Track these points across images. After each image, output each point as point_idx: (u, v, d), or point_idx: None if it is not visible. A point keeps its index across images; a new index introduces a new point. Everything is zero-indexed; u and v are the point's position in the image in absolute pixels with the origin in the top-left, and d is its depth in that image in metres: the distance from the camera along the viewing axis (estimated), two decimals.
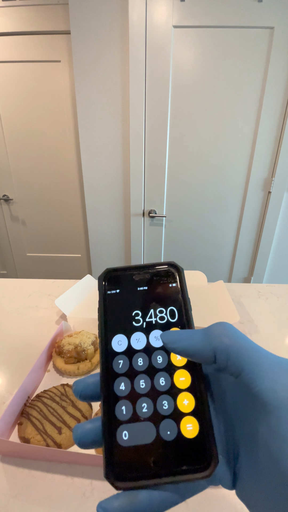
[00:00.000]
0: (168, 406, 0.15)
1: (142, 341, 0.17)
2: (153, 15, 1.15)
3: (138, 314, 0.18)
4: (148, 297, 0.18)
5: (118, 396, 0.15)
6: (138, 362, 0.16)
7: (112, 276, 0.19)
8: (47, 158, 1.61)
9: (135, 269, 0.19)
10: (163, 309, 0.18)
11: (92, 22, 1.19)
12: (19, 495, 0.32)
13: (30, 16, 1.33)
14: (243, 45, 1.18)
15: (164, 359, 0.16)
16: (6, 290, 0.81)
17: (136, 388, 0.15)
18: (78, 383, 0.16)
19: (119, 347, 0.17)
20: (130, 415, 0.15)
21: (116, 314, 0.18)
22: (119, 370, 0.16)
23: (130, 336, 0.17)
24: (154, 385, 0.15)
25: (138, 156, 1.37)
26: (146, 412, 0.15)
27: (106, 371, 0.16)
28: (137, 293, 0.18)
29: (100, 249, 1.66)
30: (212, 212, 1.50)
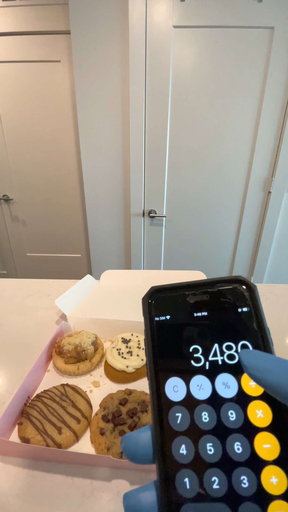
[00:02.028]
0: (248, 484, 0.11)
1: (206, 388, 0.13)
2: (153, 15, 1.15)
3: (197, 350, 0.14)
4: (210, 326, 0.14)
5: (178, 463, 0.12)
6: (203, 418, 0.12)
7: (161, 297, 0.15)
8: (47, 158, 1.61)
9: (189, 288, 0.15)
10: (232, 344, 0.14)
11: (92, 22, 1.19)
12: (19, 495, 0.32)
13: (30, 16, 1.33)
14: (243, 45, 1.18)
15: (239, 415, 0.12)
16: (6, 290, 0.81)
17: (202, 454, 0.12)
18: (128, 442, 0.13)
19: (175, 395, 0.13)
20: (197, 491, 0.11)
21: (169, 349, 0.14)
22: (177, 427, 0.12)
23: (189, 381, 0.13)
24: (226, 451, 0.12)
25: (138, 156, 1.37)
26: (218, 490, 0.11)
27: (160, 426, 0.13)
28: (195, 321, 0.14)
29: (100, 249, 1.66)
30: (212, 212, 1.50)
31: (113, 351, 0.49)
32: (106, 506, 0.31)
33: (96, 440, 0.36)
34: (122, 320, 0.57)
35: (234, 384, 0.13)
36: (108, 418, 0.38)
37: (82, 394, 0.43)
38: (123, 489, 0.32)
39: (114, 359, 0.48)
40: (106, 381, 0.48)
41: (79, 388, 0.44)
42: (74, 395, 0.42)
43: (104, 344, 0.58)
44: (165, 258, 1.64)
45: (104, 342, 0.58)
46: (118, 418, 0.37)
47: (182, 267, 1.64)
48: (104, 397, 0.43)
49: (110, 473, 0.34)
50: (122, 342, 0.52)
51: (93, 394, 0.45)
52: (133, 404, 0.40)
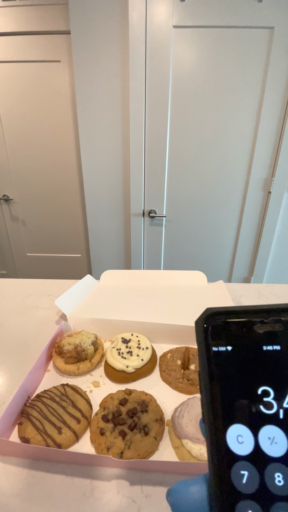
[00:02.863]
0: None
1: (281, 443, 0.10)
2: (153, 15, 1.15)
3: (268, 394, 0.11)
4: (284, 364, 0.11)
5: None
6: (276, 480, 0.10)
7: (220, 323, 0.12)
8: (47, 158, 1.61)
9: (255, 314, 0.12)
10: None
11: (92, 22, 1.19)
12: (19, 495, 0.32)
13: (30, 16, 1.33)
14: (243, 45, 1.18)
15: None
16: (6, 290, 0.81)
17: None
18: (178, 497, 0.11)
19: (240, 447, 0.11)
20: None
21: (231, 388, 0.11)
22: (243, 488, 0.10)
23: (258, 431, 0.11)
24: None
25: (138, 156, 1.37)
26: None
27: (220, 485, 0.10)
28: (264, 356, 0.12)
29: (100, 249, 1.66)
30: (212, 212, 1.50)
31: (113, 351, 0.49)
32: (106, 506, 0.31)
33: (96, 440, 0.36)
34: (122, 320, 0.57)
35: None
36: (108, 418, 0.38)
37: (82, 394, 0.43)
38: (123, 489, 0.32)
39: (114, 359, 0.48)
40: (106, 381, 0.48)
41: (79, 388, 0.44)
42: (74, 395, 0.42)
43: (104, 344, 0.58)
44: (165, 258, 1.64)
45: (104, 342, 0.58)
46: (118, 418, 0.37)
47: (182, 267, 1.64)
48: (104, 397, 0.43)
49: (110, 473, 0.34)
50: (122, 342, 0.52)
51: (93, 394, 0.45)
52: (133, 404, 0.40)
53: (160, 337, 0.57)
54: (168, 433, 0.38)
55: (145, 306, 0.63)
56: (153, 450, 0.36)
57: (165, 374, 0.48)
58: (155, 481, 0.33)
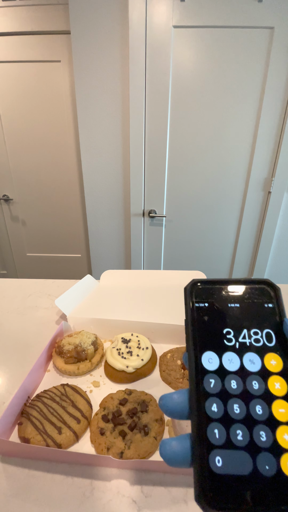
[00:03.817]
0: (266, 438, 0.14)
1: (235, 363, 0.16)
2: (153, 15, 1.15)
3: (229, 333, 0.17)
4: (240, 315, 0.17)
5: (210, 417, 0.14)
6: (232, 384, 0.15)
7: (200, 288, 0.18)
8: (47, 158, 1.61)
9: (225, 283, 0.18)
10: (258, 331, 0.16)
11: (92, 22, 1.19)
12: (19, 495, 0.32)
13: (30, 16, 1.33)
14: (243, 45, 1.18)
15: (261, 385, 0.15)
16: (6, 290, 0.81)
17: (229, 412, 0.15)
18: (167, 400, 0.16)
19: (210, 365, 0.16)
20: (224, 440, 0.14)
21: (206, 329, 0.17)
22: (210, 390, 0.15)
23: (222, 355, 0.16)
24: (250, 412, 0.14)
25: (138, 156, 1.37)
26: (241, 441, 0.14)
27: (196, 389, 0.15)
28: (228, 310, 0.17)
29: (100, 249, 1.66)
30: (212, 212, 1.50)
31: (113, 351, 0.49)
32: (106, 506, 0.31)
33: (96, 440, 0.36)
34: (122, 320, 0.57)
35: (258, 362, 0.16)
36: (108, 418, 0.38)
37: (82, 394, 0.43)
38: (123, 489, 0.32)
39: (114, 359, 0.48)
40: (106, 381, 0.48)
41: (79, 388, 0.44)
42: (74, 395, 0.42)
43: (104, 344, 0.58)
44: (165, 258, 1.64)
45: (104, 342, 0.58)
46: (118, 418, 0.37)
47: (182, 267, 1.64)
48: (104, 397, 0.43)
49: (110, 473, 0.34)
50: (122, 342, 0.52)
51: (93, 394, 0.45)
52: (133, 404, 0.40)
53: (160, 337, 0.57)
54: (168, 433, 0.38)
55: (145, 306, 0.63)
56: (153, 450, 0.36)
57: (165, 374, 0.48)
58: (155, 481, 0.33)
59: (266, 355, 0.16)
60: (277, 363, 0.16)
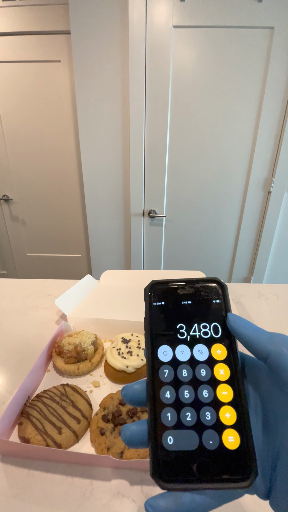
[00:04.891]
0: (210, 417, 0.16)
1: (186, 354, 0.18)
2: (153, 15, 1.15)
3: (182, 327, 0.18)
4: (192, 311, 0.19)
5: (163, 403, 0.16)
6: (183, 373, 0.17)
7: (158, 288, 0.20)
8: (47, 158, 1.61)
9: (179, 283, 0.20)
10: (207, 324, 0.18)
11: (92, 22, 1.19)
12: (19, 495, 0.32)
13: (30, 16, 1.33)
14: (243, 45, 1.18)
15: (208, 372, 0.17)
16: (6, 290, 0.81)
17: (180, 397, 0.17)
18: (127, 389, 0.18)
19: (164, 357, 0.18)
20: (175, 422, 0.16)
21: (162, 326, 0.19)
22: (164, 379, 0.17)
23: (175, 348, 0.18)
24: (197, 396, 0.16)
25: (138, 156, 1.37)
26: (189, 421, 0.16)
27: (152, 379, 0.17)
28: (182, 307, 0.19)
29: (100, 249, 1.66)
30: (212, 212, 1.50)
31: (113, 351, 0.49)
32: (106, 506, 0.31)
33: (96, 440, 0.36)
34: (122, 320, 0.57)
35: (206, 352, 0.18)
36: (108, 418, 0.38)
37: (82, 394, 0.43)
38: (123, 489, 0.32)
39: (114, 359, 0.48)
40: (106, 381, 0.48)
41: (79, 388, 0.44)
42: (74, 395, 0.42)
43: (104, 344, 0.58)
44: (165, 258, 1.64)
45: (104, 342, 0.58)
46: (118, 418, 0.37)
47: (182, 267, 1.64)
48: (104, 397, 0.43)
49: (110, 473, 0.34)
50: (122, 342, 0.52)
51: (93, 394, 0.45)
52: None
53: None
54: None
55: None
56: None
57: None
58: None
59: (213, 345, 0.18)
60: (221, 352, 0.18)
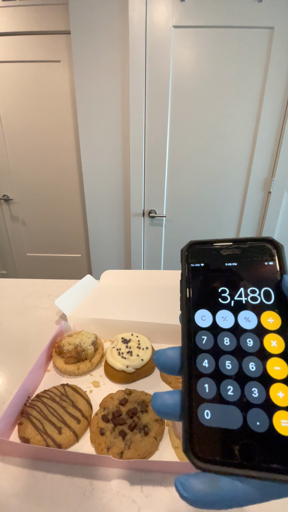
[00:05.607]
0: (258, 394, 0.14)
1: (230, 320, 0.16)
2: (153, 15, 1.15)
3: (225, 291, 0.16)
4: (238, 274, 0.17)
5: (201, 372, 0.15)
6: (224, 341, 0.15)
7: (197, 249, 0.18)
8: (47, 158, 1.61)
9: (223, 242, 0.18)
10: (255, 289, 0.16)
11: (92, 22, 1.19)
12: (19, 495, 0.32)
13: (30, 16, 1.33)
14: (243, 45, 1.18)
15: (256, 343, 0.15)
16: (6, 290, 0.81)
17: (221, 368, 0.15)
18: (160, 354, 0.16)
19: (202, 322, 0.16)
20: (214, 395, 0.14)
21: (200, 289, 0.17)
22: (202, 346, 0.15)
23: (216, 313, 0.16)
24: (242, 369, 0.14)
25: (138, 156, 1.37)
26: (232, 396, 0.14)
27: (188, 345, 0.16)
28: (225, 269, 0.17)
29: (100, 249, 1.66)
30: (212, 212, 1.50)
31: (113, 351, 0.49)
32: (106, 506, 0.31)
33: (96, 440, 0.36)
34: (122, 320, 0.57)
35: (254, 319, 0.15)
36: (108, 418, 0.38)
37: (82, 394, 0.43)
38: (123, 489, 0.32)
39: (114, 359, 0.48)
40: (106, 381, 0.48)
41: (79, 388, 0.44)
42: (74, 395, 0.42)
43: (104, 344, 0.58)
44: (165, 258, 1.64)
45: (104, 342, 0.58)
46: (118, 418, 0.37)
47: None
48: (104, 397, 0.43)
49: (110, 473, 0.34)
50: (122, 342, 0.52)
51: (93, 394, 0.45)
52: (133, 404, 0.40)
53: (160, 337, 0.57)
54: (168, 433, 0.38)
55: (145, 306, 0.63)
56: (153, 450, 0.36)
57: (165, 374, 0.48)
58: (155, 481, 0.33)
59: (263, 313, 0.15)
60: (274, 321, 0.15)
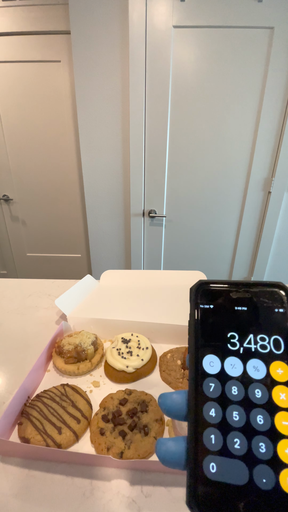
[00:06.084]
0: (265, 450, 0.13)
1: (238, 368, 0.15)
2: (153, 15, 1.15)
3: (234, 337, 0.16)
4: (247, 319, 0.16)
5: (207, 421, 0.14)
6: (232, 391, 0.15)
7: (206, 289, 0.17)
8: (47, 158, 1.61)
9: (233, 285, 0.17)
10: (265, 337, 0.16)
11: (92, 22, 1.19)
12: (19, 495, 0.32)
13: (30, 16, 1.33)
14: (243, 45, 1.18)
15: (264, 394, 0.14)
16: (6, 290, 0.81)
17: (228, 419, 0.14)
18: (165, 398, 0.16)
19: (211, 369, 0.15)
20: (220, 447, 0.14)
21: (209, 332, 0.16)
22: (210, 394, 0.15)
23: (224, 360, 0.16)
24: (250, 421, 0.14)
25: (138, 156, 1.37)
26: (238, 450, 0.13)
27: (195, 391, 0.15)
28: (235, 313, 0.16)
29: (100, 249, 1.66)
30: (212, 212, 1.50)
31: (113, 351, 0.49)
32: (106, 506, 0.31)
33: (96, 440, 0.36)
34: (122, 320, 0.57)
35: (263, 369, 0.15)
36: (108, 418, 0.38)
37: (82, 394, 0.43)
38: (123, 489, 0.32)
39: (114, 359, 0.48)
40: (106, 381, 0.48)
41: (79, 388, 0.44)
42: (74, 395, 0.42)
43: (104, 344, 0.58)
44: (165, 258, 1.64)
45: (104, 342, 0.58)
46: (118, 418, 0.37)
47: (182, 267, 1.64)
48: (104, 397, 0.43)
49: (110, 473, 0.34)
50: (122, 342, 0.52)
51: (93, 394, 0.45)
52: (133, 404, 0.40)
53: (160, 337, 0.57)
54: (168, 433, 0.38)
55: (145, 306, 0.63)
56: (153, 450, 0.36)
57: (165, 374, 0.48)
58: (155, 481, 0.33)
59: (272, 363, 0.15)
60: (284, 372, 0.15)
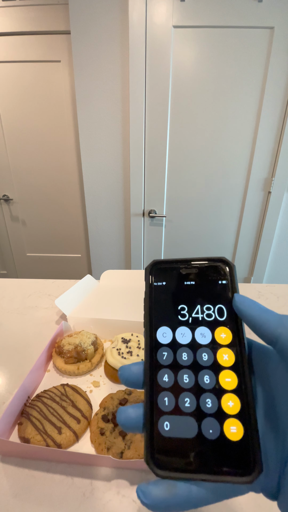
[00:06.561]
0: (211, 405, 0.15)
1: (187, 336, 0.17)
2: (153, 15, 1.15)
3: (184, 309, 0.17)
4: (195, 292, 0.18)
5: (161, 387, 0.16)
6: (183, 356, 0.16)
7: (159, 268, 0.19)
8: (47, 158, 1.61)
9: (182, 263, 0.19)
10: (210, 306, 0.17)
11: (92, 22, 1.19)
12: (19, 495, 0.32)
13: (30, 16, 1.33)
14: (243, 45, 1.18)
15: (210, 357, 0.16)
16: (6, 290, 0.81)
17: (179, 381, 0.16)
18: (124, 370, 0.17)
19: (163, 339, 0.17)
20: (173, 407, 0.15)
21: (162, 307, 0.18)
22: (163, 362, 0.16)
23: (175, 330, 0.17)
24: (198, 381, 0.16)
25: (138, 156, 1.37)
26: (188, 407, 0.15)
27: (150, 361, 0.17)
28: (184, 288, 0.18)
29: (100, 249, 1.66)
30: (212, 212, 1.50)
31: (113, 351, 0.49)
32: (106, 506, 0.31)
33: (96, 440, 0.36)
34: (122, 320, 0.57)
35: (209, 335, 0.17)
36: (108, 418, 0.38)
37: (82, 394, 0.43)
38: (123, 489, 0.32)
39: (114, 359, 0.48)
40: (106, 381, 0.48)
41: (79, 388, 0.44)
42: (74, 395, 0.42)
43: (104, 344, 0.58)
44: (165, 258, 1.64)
45: (104, 342, 0.58)
46: None
47: None
48: (104, 397, 0.43)
49: (110, 473, 0.34)
50: (122, 342, 0.52)
51: (93, 394, 0.45)
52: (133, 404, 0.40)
53: None
54: None
55: None
56: None
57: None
58: None
59: (216, 328, 0.17)
60: (226, 336, 0.16)
